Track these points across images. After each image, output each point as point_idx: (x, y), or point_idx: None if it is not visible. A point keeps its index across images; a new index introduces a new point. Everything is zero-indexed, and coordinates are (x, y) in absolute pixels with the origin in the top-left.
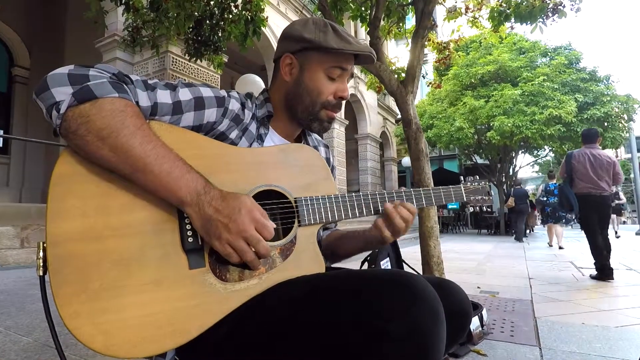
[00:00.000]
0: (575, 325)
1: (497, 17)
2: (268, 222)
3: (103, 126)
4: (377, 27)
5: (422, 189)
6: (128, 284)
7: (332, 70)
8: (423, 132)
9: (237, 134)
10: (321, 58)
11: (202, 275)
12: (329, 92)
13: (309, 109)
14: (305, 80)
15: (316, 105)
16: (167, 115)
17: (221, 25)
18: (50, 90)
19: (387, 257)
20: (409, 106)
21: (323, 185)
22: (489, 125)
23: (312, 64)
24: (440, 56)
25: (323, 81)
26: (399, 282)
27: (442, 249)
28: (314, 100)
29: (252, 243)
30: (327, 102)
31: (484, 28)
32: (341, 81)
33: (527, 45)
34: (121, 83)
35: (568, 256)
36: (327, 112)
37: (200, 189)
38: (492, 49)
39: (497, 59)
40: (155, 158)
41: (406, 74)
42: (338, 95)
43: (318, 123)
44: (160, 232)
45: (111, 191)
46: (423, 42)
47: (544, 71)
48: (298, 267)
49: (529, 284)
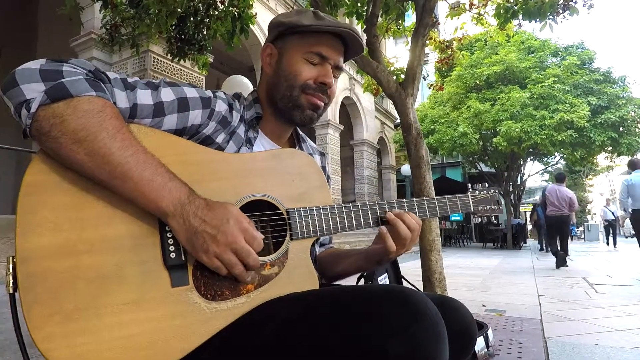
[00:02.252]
0: (588, 346)
1: (504, 14)
2: (257, 232)
3: (79, 128)
4: (375, 24)
5: (425, 198)
6: (105, 303)
7: (310, 56)
8: (424, 137)
9: (224, 137)
10: (299, 42)
11: (186, 294)
12: (307, 75)
13: (287, 94)
14: (283, 66)
15: (294, 89)
16: (148, 118)
17: (206, 22)
18: (20, 86)
19: (385, 273)
20: (409, 110)
21: (317, 194)
22: (495, 130)
23: (289, 49)
24: (443, 56)
25: (301, 64)
26: (398, 298)
27: (444, 264)
28: (291, 83)
29: (241, 255)
30: (306, 85)
31: (489, 26)
32: (323, 67)
33: (536, 44)
34: (98, 81)
35: (580, 271)
36: (307, 98)
37: (184, 198)
38: (499, 48)
39: (504, 59)
40: (136, 164)
41: (406, 75)
42: (319, 80)
43: (299, 111)
44: (140, 247)
45: (87, 202)
46: (424, 40)
47: (554, 72)
48: (290, 285)
49: (538, 302)
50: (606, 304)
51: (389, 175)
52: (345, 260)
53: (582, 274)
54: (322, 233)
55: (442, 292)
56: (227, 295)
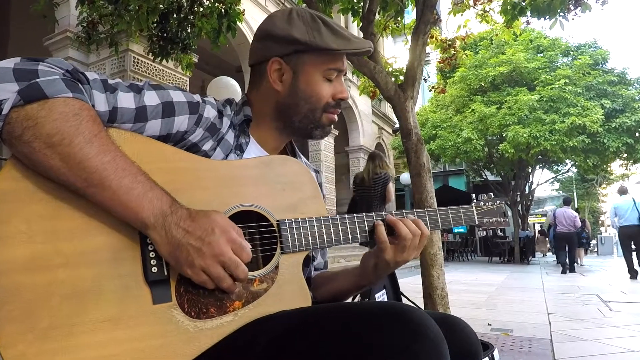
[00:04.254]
0: None
1: (511, 11)
2: (245, 242)
3: (53, 131)
4: (372, 21)
5: (426, 209)
6: (82, 321)
7: (329, 73)
8: (425, 143)
9: (211, 145)
10: (317, 60)
11: (168, 311)
12: (328, 94)
13: (309, 116)
14: (301, 86)
15: (317, 112)
16: (129, 123)
17: (190, 19)
18: None
19: (383, 289)
20: (409, 114)
21: (311, 205)
22: (502, 136)
23: (307, 67)
24: (445, 56)
25: (321, 84)
26: (396, 316)
27: (447, 279)
28: (314, 106)
29: (230, 268)
30: (327, 104)
31: (495, 23)
32: (338, 81)
33: (546, 43)
34: (76, 82)
35: (592, 287)
36: (328, 116)
37: (166, 208)
38: (505, 47)
39: (511, 58)
40: (114, 171)
41: (405, 77)
42: (337, 97)
43: (320, 130)
44: (120, 261)
45: (63, 212)
46: (425, 39)
47: (565, 73)
48: (280, 302)
49: (548, 320)
50: (621, 323)
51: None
52: (339, 278)
53: (594, 291)
54: (315, 246)
55: (445, 310)
56: (212, 312)
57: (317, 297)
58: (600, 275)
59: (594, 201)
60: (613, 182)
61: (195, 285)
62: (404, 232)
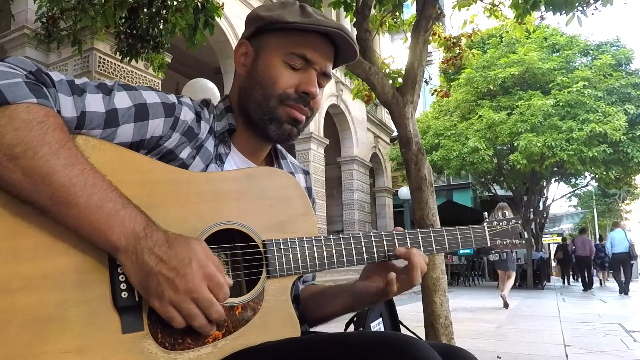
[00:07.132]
0: None
1: (523, 5)
2: (224, 278)
3: (15, 142)
4: (367, 17)
5: (432, 230)
6: (43, 352)
7: (292, 58)
8: (426, 154)
9: (189, 152)
10: (279, 41)
11: (139, 342)
12: (287, 82)
13: (262, 104)
14: (259, 68)
15: (270, 99)
16: (98, 129)
17: (163, 14)
18: None
19: (380, 318)
20: (408, 120)
21: (301, 223)
22: (513, 145)
23: (267, 48)
24: (449, 55)
25: (280, 69)
26: (395, 348)
27: (451, 306)
28: (267, 92)
29: (202, 306)
30: (286, 95)
31: (505, 18)
32: (307, 74)
33: (562, 41)
34: (40, 85)
35: (614, 316)
36: (286, 110)
37: (140, 230)
38: (517, 45)
39: (523, 58)
40: (82, 187)
41: (404, 79)
42: (301, 90)
43: (276, 125)
44: (86, 284)
45: (23, 229)
46: (426, 36)
47: (584, 75)
48: (265, 332)
49: (565, 353)
50: None
51: (384, 199)
52: (332, 300)
53: (617, 319)
54: (305, 270)
55: (448, 341)
56: (189, 344)
57: (305, 316)
58: (623, 301)
59: (617, 218)
60: (638, 196)
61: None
62: (416, 261)
